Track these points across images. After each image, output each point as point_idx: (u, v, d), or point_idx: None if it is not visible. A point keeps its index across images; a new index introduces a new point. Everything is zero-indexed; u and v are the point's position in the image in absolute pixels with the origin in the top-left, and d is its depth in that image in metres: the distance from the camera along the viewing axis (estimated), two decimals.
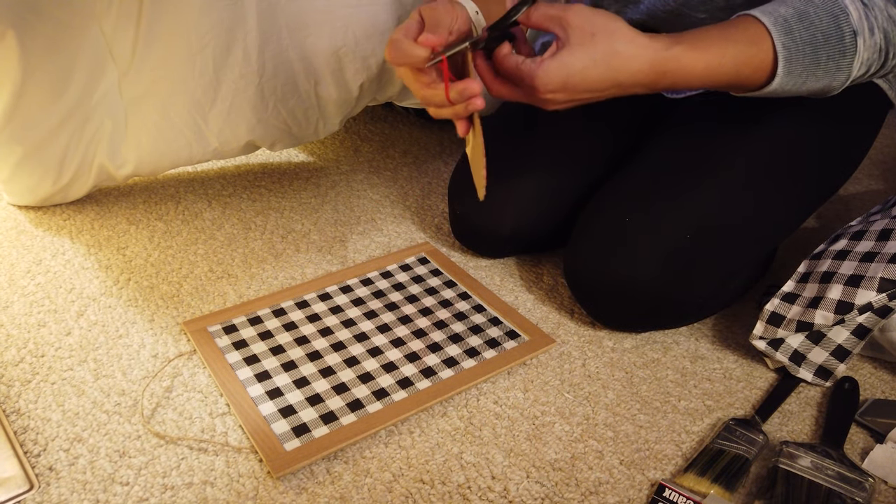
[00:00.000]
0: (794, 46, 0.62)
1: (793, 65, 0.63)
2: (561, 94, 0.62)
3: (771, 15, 0.63)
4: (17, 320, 0.80)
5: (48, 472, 0.62)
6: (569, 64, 0.60)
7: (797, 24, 0.62)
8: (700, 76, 0.63)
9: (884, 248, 0.75)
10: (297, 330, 0.80)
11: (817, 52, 0.63)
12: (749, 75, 0.64)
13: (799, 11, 0.62)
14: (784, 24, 0.62)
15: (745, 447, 0.68)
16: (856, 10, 0.62)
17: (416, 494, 0.63)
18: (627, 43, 0.60)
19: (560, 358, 0.80)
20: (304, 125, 1.03)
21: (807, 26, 0.62)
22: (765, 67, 0.63)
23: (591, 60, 0.60)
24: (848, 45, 0.63)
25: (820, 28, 0.62)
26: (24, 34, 0.80)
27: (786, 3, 0.64)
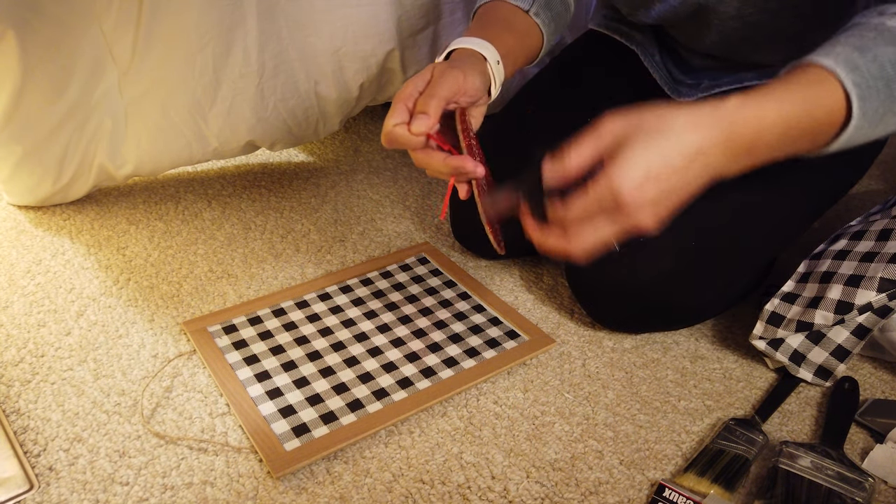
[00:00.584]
0: (864, 83, 0.55)
1: (867, 101, 0.55)
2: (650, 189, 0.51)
3: (829, 56, 0.56)
4: (16, 320, 0.80)
5: (48, 472, 0.62)
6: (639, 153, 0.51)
7: (861, 59, 0.55)
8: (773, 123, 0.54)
9: (884, 248, 0.75)
10: (297, 330, 0.80)
11: (891, 84, 0.56)
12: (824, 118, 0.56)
13: (858, 47, 0.56)
14: (847, 62, 0.55)
15: (745, 447, 0.68)
16: None
17: (415, 494, 0.63)
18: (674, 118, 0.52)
19: (560, 358, 0.80)
20: (304, 125, 1.03)
21: (872, 59, 0.55)
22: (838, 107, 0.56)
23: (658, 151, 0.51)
24: None
25: (886, 58, 0.56)
26: (24, 34, 0.80)
27: (839, 43, 0.57)
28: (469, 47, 0.71)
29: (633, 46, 0.96)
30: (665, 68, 0.96)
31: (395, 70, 1.02)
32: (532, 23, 0.81)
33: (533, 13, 0.80)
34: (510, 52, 0.75)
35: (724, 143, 0.53)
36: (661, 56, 0.96)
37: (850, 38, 0.57)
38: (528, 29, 0.81)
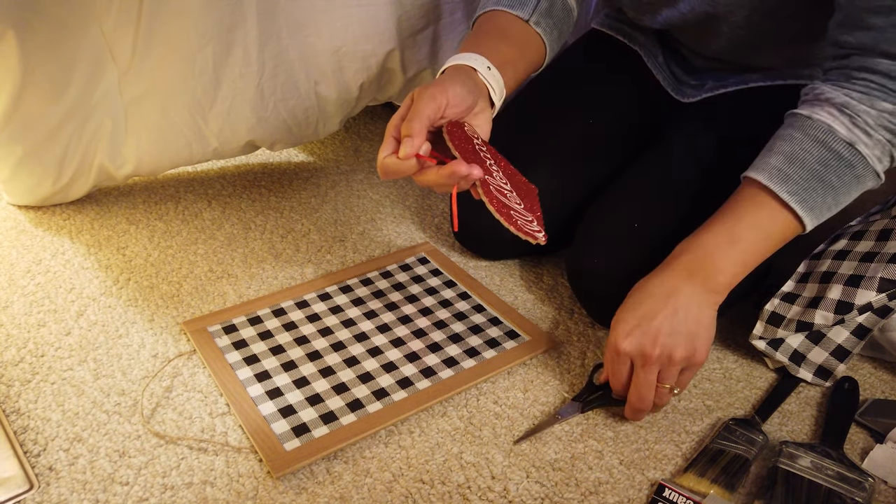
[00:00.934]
0: (799, 188, 0.65)
1: (808, 202, 0.65)
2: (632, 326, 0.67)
3: (762, 171, 0.66)
4: (16, 320, 0.80)
5: (48, 472, 0.62)
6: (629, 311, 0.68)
7: (790, 168, 0.65)
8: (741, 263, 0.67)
9: (883, 248, 0.75)
10: (297, 330, 0.80)
11: (823, 178, 0.65)
12: (780, 231, 0.67)
13: (787, 155, 0.66)
14: (778, 173, 0.65)
15: (744, 447, 0.68)
16: (841, 124, 0.64)
17: (415, 494, 0.63)
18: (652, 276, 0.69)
19: (560, 358, 0.80)
20: (304, 125, 1.03)
21: (800, 165, 0.65)
22: (786, 218, 0.66)
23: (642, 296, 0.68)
24: (851, 157, 0.65)
25: (812, 158, 0.65)
26: (24, 34, 0.80)
27: (773, 150, 0.67)
28: (457, 63, 0.71)
29: (636, 47, 0.96)
30: (668, 69, 0.96)
31: (395, 70, 1.02)
32: (532, 32, 0.79)
33: (533, 22, 0.79)
34: (507, 61, 0.74)
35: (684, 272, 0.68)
36: (665, 57, 0.95)
37: (783, 144, 0.67)
38: (528, 38, 0.79)
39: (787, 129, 0.68)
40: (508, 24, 0.78)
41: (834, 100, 0.65)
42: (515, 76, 0.77)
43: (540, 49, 0.81)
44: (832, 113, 0.65)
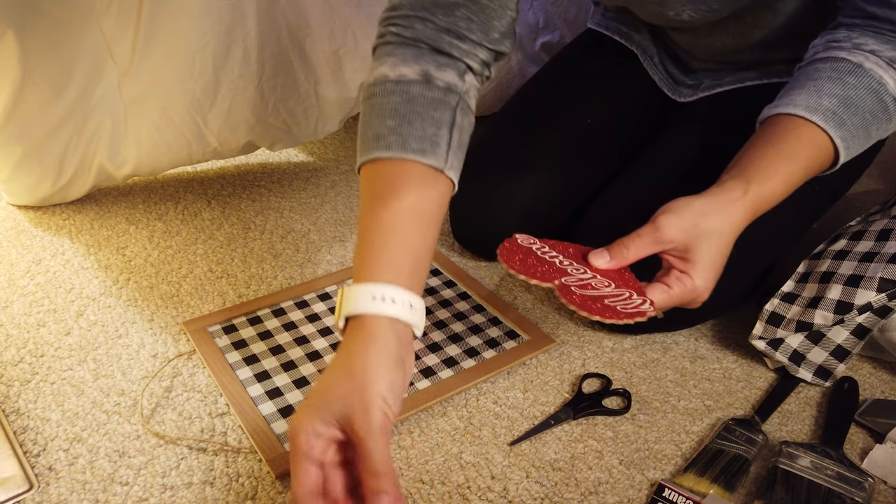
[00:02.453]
0: (849, 135, 0.64)
1: (850, 149, 0.65)
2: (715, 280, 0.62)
3: (818, 112, 0.63)
4: (16, 320, 0.80)
5: (48, 472, 0.62)
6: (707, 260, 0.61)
7: (846, 113, 0.63)
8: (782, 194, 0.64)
9: (883, 248, 0.75)
10: (297, 330, 0.80)
11: (868, 129, 0.65)
12: (817, 170, 0.66)
13: (842, 98, 0.63)
14: (834, 117, 0.63)
15: (744, 447, 0.68)
16: (891, 78, 0.63)
17: (415, 494, 0.63)
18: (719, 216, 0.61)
19: (560, 358, 0.80)
20: (304, 125, 1.03)
21: (854, 111, 0.63)
22: (828, 158, 0.65)
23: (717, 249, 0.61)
24: (893, 111, 0.65)
25: (866, 108, 0.63)
26: (23, 34, 0.80)
27: (823, 91, 0.64)
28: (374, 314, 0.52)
29: (633, 47, 0.96)
30: (664, 69, 0.96)
31: None
32: (444, 182, 0.61)
33: (447, 168, 0.61)
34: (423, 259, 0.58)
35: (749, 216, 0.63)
36: (661, 57, 0.96)
37: (835, 87, 0.63)
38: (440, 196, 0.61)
39: (834, 72, 0.64)
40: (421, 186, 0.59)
41: (881, 53, 0.63)
42: (425, 275, 0.60)
43: (446, 196, 0.63)
44: (881, 65, 0.63)
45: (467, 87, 0.64)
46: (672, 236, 0.60)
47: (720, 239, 0.61)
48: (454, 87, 0.63)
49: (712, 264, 0.61)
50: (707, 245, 0.60)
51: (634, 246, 0.61)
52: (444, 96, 0.62)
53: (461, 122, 0.63)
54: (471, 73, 0.65)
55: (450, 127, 0.61)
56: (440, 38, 0.63)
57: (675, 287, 0.60)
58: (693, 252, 0.60)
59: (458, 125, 0.62)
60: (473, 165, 0.83)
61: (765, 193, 0.62)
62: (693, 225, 0.60)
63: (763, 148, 0.64)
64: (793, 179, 0.64)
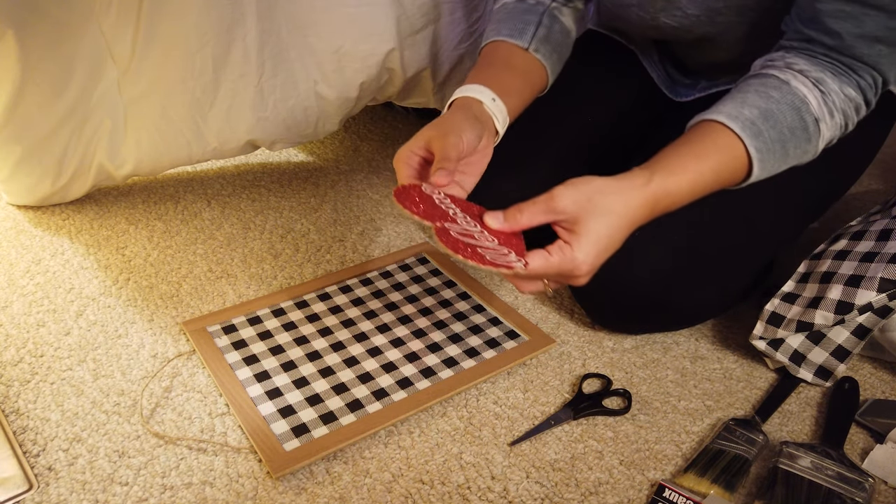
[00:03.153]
0: (764, 147, 0.65)
1: (765, 163, 0.66)
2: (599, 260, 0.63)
3: (738, 120, 0.65)
4: (16, 320, 0.80)
5: (47, 472, 0.62)
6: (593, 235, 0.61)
7: (764, 125, 0.65)
8: (687, 193, 0.65)
9: (884, 248, 0.75)
10: (297, 330, 0.80)
11: (786, 145, 0.66)
12: (728, 178, 0.67)
13: (763, 111, 0.65)
14: (752, 127, 0.64)
15: (745, 447, 0.68)
16: (814, 98, 0.65)
17: (415, 495, 0.63)
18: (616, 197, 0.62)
19: (560, 358, 0.80)
20: (304, 125, 1.03)
21: (773, 124, 0.65)
22: (741, 168, 0.66)
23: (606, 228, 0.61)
24: (812, 132, 0.66)
25: (785, 123, 0.65)
26: (23, 33, 0.80)
27: (747, 102, 0.66)
28: (464, 95, 0.73)
29: (632, 46, 0.97)
30: (663, 68, 0.96)
31: (394, 69, 1.02)
32: (532, 59, 0.81)
33: (532, 49, 0.81)
34: (511, 90, 0.76)
35: (649, 214, 0.64)
36: (660, 56, 0.96)
37: (759, 100, 0.66)
38: (529, 65, 0.81)
39: (762, 86, 0.67)
40: (509, 54, 0.81)
41: (809, 73, 0.66)
42: (521, 103, 0.79)
43: (542, 74, 0.82)
44: (807, 85, 0.65)
45: (556, 5, 0.84)
46: (564, 206, 0.60)
47: (611, 218, 0.61)
48: (542, 2, 0.84)
49: (597, 241, 0.61)
50: (596, 221, 0.60)
51: (528, 211, 0.61)
52: (533, 6, 0.83)
53: (547, 22, 0.83)
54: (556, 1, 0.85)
55: (536, 24, 0.82)
56: None
57: (555, 255, 0.60)
58: (581, 225, 0.60)
59: (544, 24, 0.82)
60: None
61: (668, 187, 0.64)
62: (587, 199, 0.61)
63: (678, 147, 0.66)
64: (700, 179, 0.65)
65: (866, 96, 0.67)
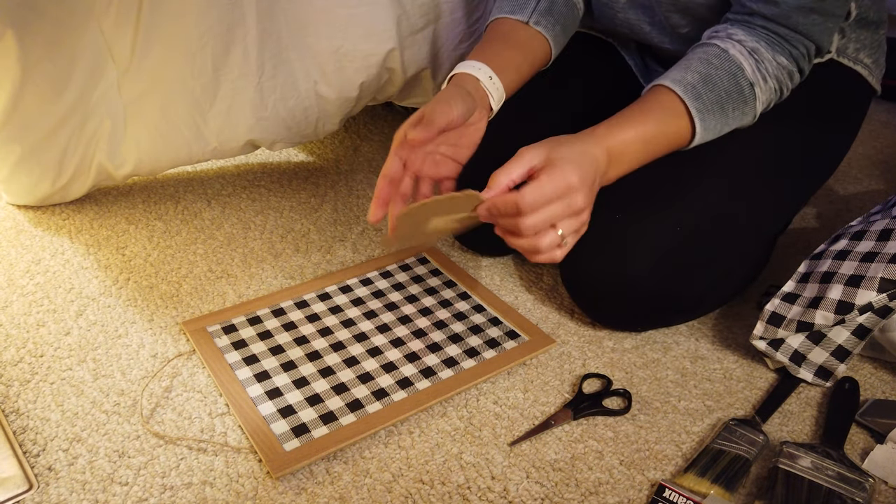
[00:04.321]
0: (704, 108, 0.72)
1: (706, 122, 0.72)
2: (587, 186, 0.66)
3: (680, 83, 0.72)
4: (16, 320, 0.80)
5: (47, 472, 0.62)
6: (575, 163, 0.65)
7: (703, 88, 0.72)
8: (635, 144, 0.71)
9: (884, 249, 0.75)
10: (297, 330, 0.80)
11: (724, 106, 0.73)
12: (675, 135, 0.73)
13: (703, 75, 0.72)
14: (693, 90, 0.72)
15: (745, 447, 0.68)
16: (749, 65, 0.72)
17: (415, 495, 0.63)
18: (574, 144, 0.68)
19: (560, 358, 0.80)
20: (304, 125, 1.03)
21: (711, 87, 0.72)
22: (685, 126, 0.73)
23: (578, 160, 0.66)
24: (748, 95, 0.73)
25: (722, 87, 0.72)
26: (23, 33, 0.80)
27: (690, 68, 0.73)
28: (462, 71, 0.77)
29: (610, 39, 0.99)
30: (640, 57, 0.98)
31: (395, 69, 1.02)
32: (534, 32, 0.84)
33: (533, 22, 0.84)
34: (509, 65, 0.80)
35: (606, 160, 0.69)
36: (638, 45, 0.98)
37: (700, 66, 0.73)
38: (529, 39, 0.84)
39: (704, 54, 0.74)
40: (511, 29, 0.84)
41: (746, 43, 0.73)
42: (519, 78, 0.82)
43: (544, 47, 0.85)
44: (743, 53, 0.72)
45: None
46: (532, 156, 0.65)
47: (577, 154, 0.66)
48: None
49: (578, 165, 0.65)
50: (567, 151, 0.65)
51: (504, 171, 0.65)
52: None
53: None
54: None
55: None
56: None
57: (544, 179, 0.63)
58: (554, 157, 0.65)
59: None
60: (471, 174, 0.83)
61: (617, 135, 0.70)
62: (550, 148, 0.66)
63: (629, 107, 0.73)
64: (645, 130, 0.71)
65: (799, 64, 0.74)
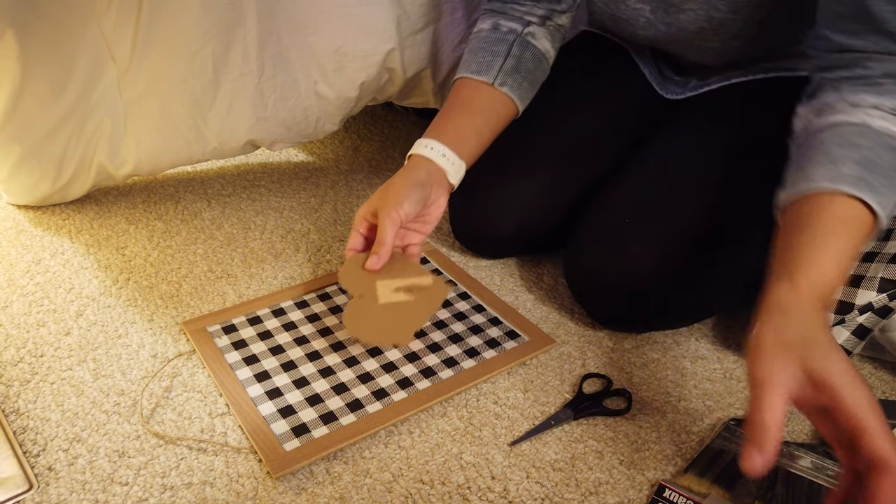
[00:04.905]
0: (882, 199, 0.58)
1: (885, 209, 0.59)
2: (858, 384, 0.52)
3: (845, 181, 0.58)
4: (16, 320, 0.80)
5: (47, 472, 0.62)
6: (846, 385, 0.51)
7: (871, 176, 0.58)
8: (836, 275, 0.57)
9: (884, 249, 0.75)
10: (297, 330, 0.80)
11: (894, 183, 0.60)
12: (863, 240, 0.59)
13: (860, 163, 0.59)
14: (861, 182, 0.58)
15: None
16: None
17: (415, 495, 0.63)
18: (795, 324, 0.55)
19: (560, 358, 0.80)
20: (304, 124, 1.03)
21: (878, 171, 0.59)
22: (870, 227, 0.59)
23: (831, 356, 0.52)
24: None
25: (887, 164, 0.59)
26: (23, 33, 0.80)
27: (839, 160, 0.60)
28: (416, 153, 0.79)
29: (625, 45, 0.97)
30: (656, 66, 0.97)
31: (395, 69, 1.02)
32: (498, 94, 0.84)
33: (498, 84, 0.84)
34: (468, 134, 0.82)
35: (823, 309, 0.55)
36: (653, 53, 0.97)
37: (851, 153, 0.59)
38: (492, 103, 0.84)
39: (840, 138, 0.61)
40: (473, 94, 0.85)
41: (883, 105, 0.61)
42: (480, 143, 0.84)
43: (508, 107, 0.86)
44: (886, 118, 0.60)
45: (531, 31, 0.87)
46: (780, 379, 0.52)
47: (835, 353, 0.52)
48: (515, 30, 0.86)
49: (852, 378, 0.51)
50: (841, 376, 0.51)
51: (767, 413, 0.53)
52: (505, 36, 0.86)
53: (517, 52, 0.85)
54: (533, 25, 0.87)
55: (504, 56, 0.85)
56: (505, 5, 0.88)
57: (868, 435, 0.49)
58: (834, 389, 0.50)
59: (513, 55, 0.85)
60: (471, 174, 0.84)
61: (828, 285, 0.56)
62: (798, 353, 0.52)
63: (797, 236, 0.59)
64: (845, 261, 0.57)
65: None
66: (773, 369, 0.52)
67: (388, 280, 0.76)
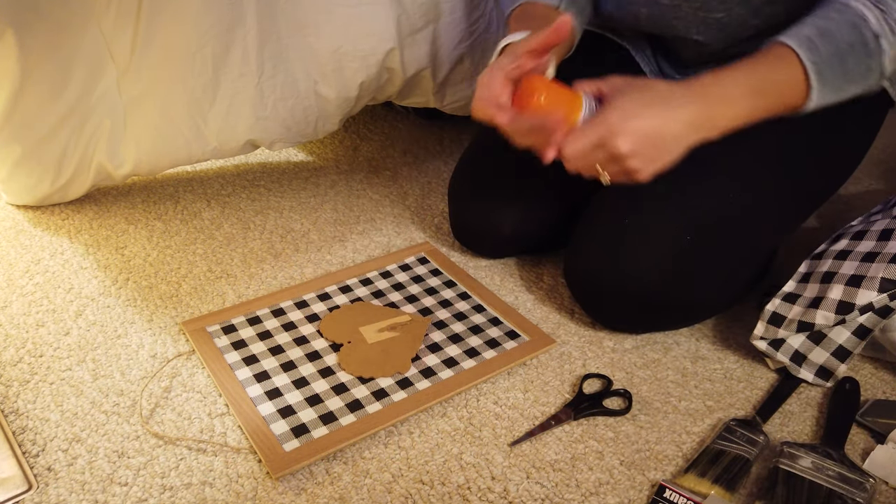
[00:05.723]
0: (820, 61, 0.66)
1: (824, 77, 0.67)
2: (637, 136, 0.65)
3: (794, 37, 0.67)
4: (15, 320, 0.80)
5: (47, 473, 0.62)
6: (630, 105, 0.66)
7: (820, 40, 0.66)
8: (741, 95, 0.67)
9: (885, 248, 0.75)
10: (297, 330, 0.80)
11: (844, 59, 0.67)
12: (787, 87, 0.68)
13: (820, 28, 0.67)
14: (808, 41, 0.66)
15: (745, 448, 0.68)
16: (873, 15, 0.66)
17: (415, 495, 0.63)
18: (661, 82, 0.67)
19: (560, 358, 0.80)
20: (304, 124, 1.02)
21: (829, 40, 0.66)
22: (799, 83, 0.67)
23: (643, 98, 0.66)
24: (872, 48, 0.67)
25: (842, 38, 0.66)
26: (23, 33, 0.80)
27: (805, 23, 0.68)
28: (513, 41, 0.76)
29: (624, 42, 0.97)
30: (655, 62, 0.97)
31: (394, 69, 1.01)
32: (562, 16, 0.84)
33: (564, 9, 0.84)
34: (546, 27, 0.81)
35: (700, 102, 0.66)
36: (653, 49, 0.97)
37: (817, 20, 0.68)
38: None
39: (821, 9, 0.69)
40: (546, 11, 0.84)
41: None
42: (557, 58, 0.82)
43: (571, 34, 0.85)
44: (866, 4, 0.67)
45: None
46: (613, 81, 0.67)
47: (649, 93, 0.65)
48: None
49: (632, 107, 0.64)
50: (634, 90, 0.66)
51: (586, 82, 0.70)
52: None
53: None
54: None
55: None
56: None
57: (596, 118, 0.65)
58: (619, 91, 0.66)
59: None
60: (471, 174, 0.83)
61: (717, 74, 0.67)
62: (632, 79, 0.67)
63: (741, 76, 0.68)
64: (753, 75, 0.67)
65: None
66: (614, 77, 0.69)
67: (368, 325, 0.80)
